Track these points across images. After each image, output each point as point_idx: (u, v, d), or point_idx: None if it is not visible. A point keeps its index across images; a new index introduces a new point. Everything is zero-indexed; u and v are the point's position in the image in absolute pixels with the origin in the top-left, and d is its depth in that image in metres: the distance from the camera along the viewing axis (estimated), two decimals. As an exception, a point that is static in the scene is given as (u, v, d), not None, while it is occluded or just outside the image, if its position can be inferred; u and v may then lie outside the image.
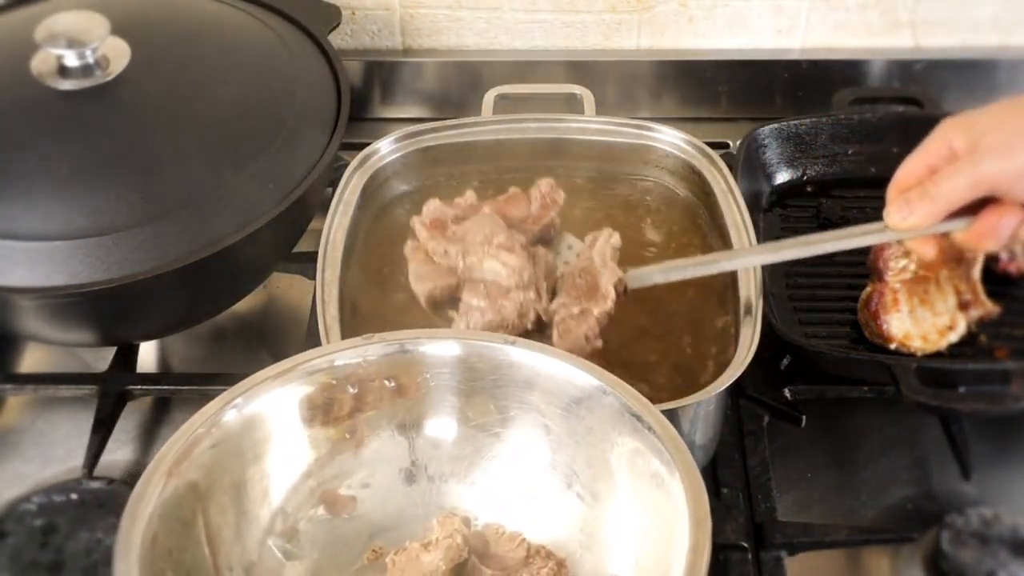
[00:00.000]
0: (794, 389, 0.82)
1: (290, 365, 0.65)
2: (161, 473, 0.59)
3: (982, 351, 0.84)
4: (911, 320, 0.82)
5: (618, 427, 0.62)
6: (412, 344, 0.66)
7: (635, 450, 0.61)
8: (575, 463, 0.65)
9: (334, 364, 0.66)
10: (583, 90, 0.96)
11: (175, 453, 0.60)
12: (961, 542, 0.73)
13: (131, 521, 0.57)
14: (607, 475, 0.64)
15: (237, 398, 0.63)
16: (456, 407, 0.68)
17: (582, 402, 0.64)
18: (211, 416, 0.62)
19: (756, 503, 0.77)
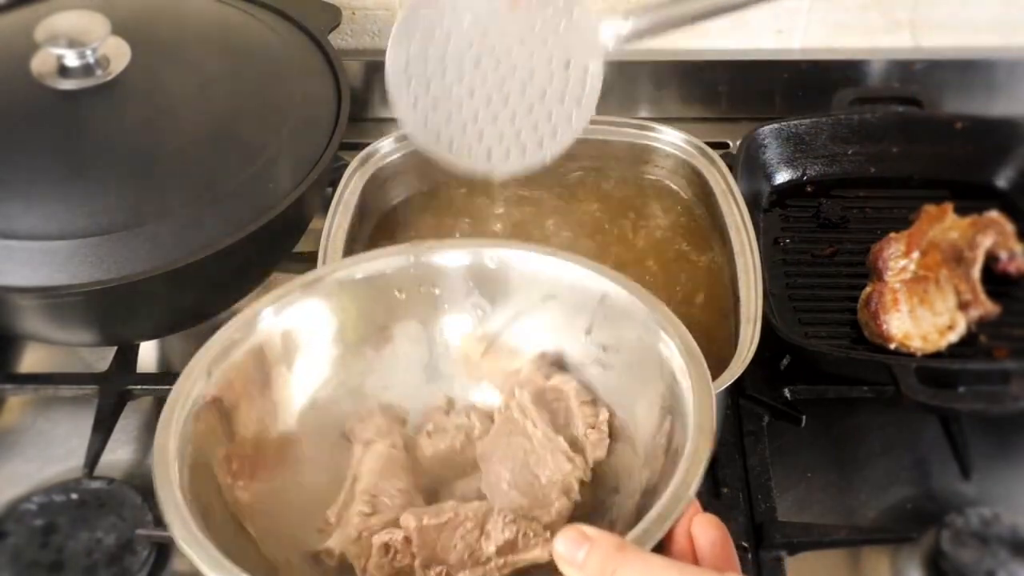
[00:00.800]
0: (794, 389, 0.82)
1: (319, 275, 0.65)
2: (200, 371, 0.59)
3: (982, 351, 0.84)
4: (911, 320, 0.82)
5: (645, 339, 0.62)
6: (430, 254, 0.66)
7: (651, 348, 0.61)
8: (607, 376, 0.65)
9: (363, 273, 0.65)
10: (583, 90, 0.96)
11: (211, 355, 0.60)
12: (961, 542, 0.73)
13: (169, 416, 0.57)
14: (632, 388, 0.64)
15: (268, 307, 0.63)
16: (477, 305, 0.67)
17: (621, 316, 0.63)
18: (244, 323, 0.62)
19: (756, 503, 0.77)
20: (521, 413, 0.64)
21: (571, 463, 0.62)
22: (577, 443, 0.63)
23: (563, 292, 0.65)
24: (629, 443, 0.63)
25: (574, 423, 0.64)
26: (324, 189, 0.90)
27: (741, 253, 0.81)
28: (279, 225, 0.81)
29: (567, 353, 0.67)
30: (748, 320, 0.75)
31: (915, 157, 0.99)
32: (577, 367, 0.66)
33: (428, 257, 0.66)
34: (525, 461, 0.62)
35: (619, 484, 0.62)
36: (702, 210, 0.89)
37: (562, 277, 0.65)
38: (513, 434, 0.63)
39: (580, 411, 0.64)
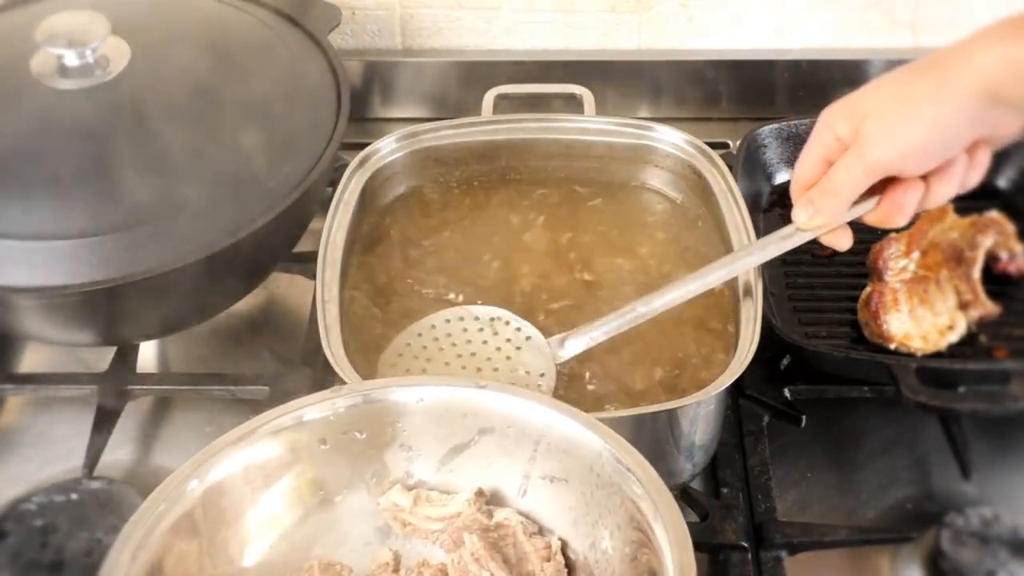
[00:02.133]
0: (794, 389, 0.82)
1: (254, 426, 0.62)
2: (127, 555, 0.56)
3: (982, 351, 0.84)
4: (911, 320, 0.82)
5: (597, 469, 0.61)
6: (380, 393, 0.64)
7: (618, 492, 0.59)
8: (552, 506, 0.64)
9: (302, 420, 0.63)
10: (583, 90, 0.96)
11: (140, 533, 0.57)
12: (961, 542, 0.73)
13: None
14: (587, 519, 0.62)
15: (199, 467, 0.60)
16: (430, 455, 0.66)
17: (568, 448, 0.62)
18: (173, 489, 0.59)
19: (756, 503, 0.77)
20: (476, 562, 0.62)
21: None
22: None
23: (499, 425, 0.64)
24: (589, 575, 0.62)
25: (527, 559, 0.63)
26: (324, 189, 0.89)
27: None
28: (279, 225, 0.81)
29: (505, 486, 0.65)
30: (748, 320, 0.75)
31: (915, 157, 0.99)
32: (518, 499, 0.65)
33: (348, 401, 0.64)
34: None
35: None
36: (702, 210, 0.89)
37: (497, 410, 0.63)
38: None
39: (531, 544, 0.63)
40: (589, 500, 0.61)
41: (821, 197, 0.70)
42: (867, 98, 0.67)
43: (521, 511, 0.65)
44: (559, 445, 0.62)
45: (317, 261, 0.79)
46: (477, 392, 0.64)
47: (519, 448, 0.64)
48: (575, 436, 0.61)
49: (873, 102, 0.67)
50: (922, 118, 0.64)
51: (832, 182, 0.69)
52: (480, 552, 0.62)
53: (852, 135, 0.67)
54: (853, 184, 0.68)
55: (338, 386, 0.66)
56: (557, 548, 0.63)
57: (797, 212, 0.71)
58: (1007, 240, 0.89)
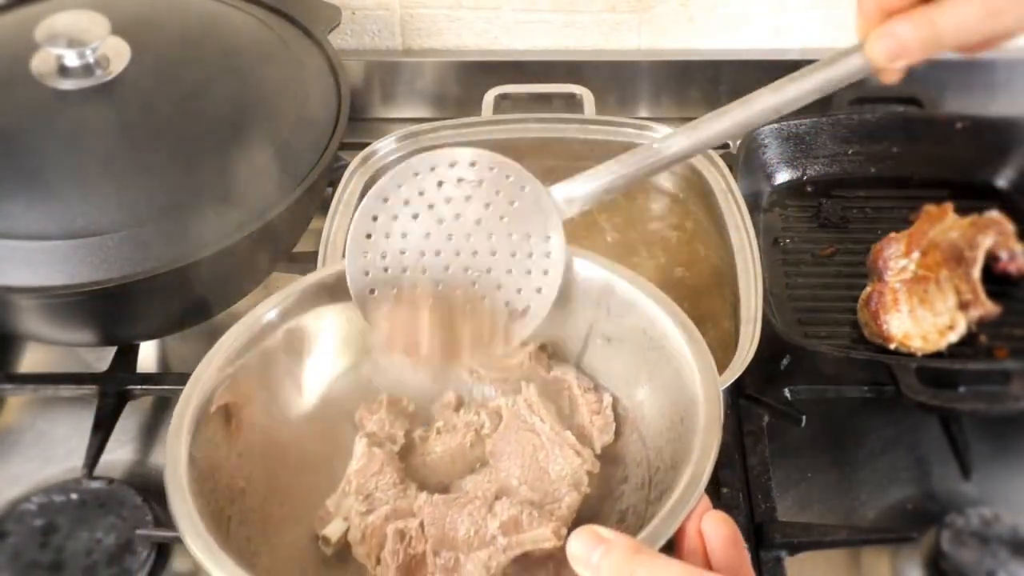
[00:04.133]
0: (794, 389, 0.82)
1: (329, 272, 0.65)
2: (208, 376, 0.60)
3: (982, 351, 0.84)
4: (911, 320, 0.82)
5: (650, 332, 0.63)
6: None
7: (666, 354, 0.62)
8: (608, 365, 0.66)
9: None
10: (583, 90, 0.97)
11: (219, 358, 0.61)
12: (961, 542, 0.73)
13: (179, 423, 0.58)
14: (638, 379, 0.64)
15: (274, 307, 0.64)
16: None
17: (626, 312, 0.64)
18: (252, 323, 0.63)
19: (756, 503, 0.77)
20: (528, 409, 0.64)
21: (579, 457, 0.62)
22: (584, 431, 0.64)
23: (565, 283, 0.65)
24: (636, 431, 0.64)
25: (579, 411, 0.65)
26: (324, 189, 0.89)
27: (741, 253, 0.81)
28: (279, 225, 0.81)
29: (567, 343, 0.67)
30: (748, 320, 0.75)
31: (915, 157, 0.99)
32: (578, 356, 0.67)
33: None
34: (534, 456, 0.63)
35: (628, 473, 0.63)
36: (702, 210, 0.89)
37: (565, 267, 0.65)
38: (521, 430, 0.64)
39: (584, 399, 0.65)
40: (640, 361, 0.64)
41: (915, 33, 0.54)
42: None
43: (580, 367, 0.67)
44: (619, 307, 0.64)
45: (317, 261, 0.80)
46: None
47: (582, 308, 0.65)
48: (633, 299, 0.64)
49: None
50: None
51: (938, 15, 0.53)
52: (534, 399, 0.64)
53: None
54: (963, 24, 0.53)
55: None
56: (608, 403, 0.65)
57: (875, 43, 0.56)
58: (1007, 240, 0.89)
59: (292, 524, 0.62)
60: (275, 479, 0.63)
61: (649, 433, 0.63)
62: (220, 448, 0.60)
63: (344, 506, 0.62)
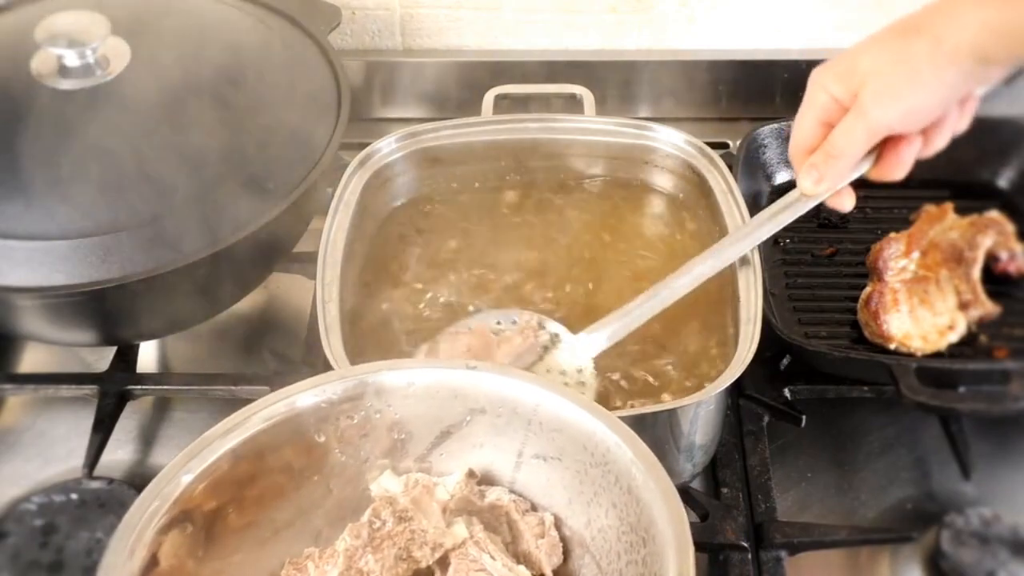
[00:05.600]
0: (794, 389, 0.82)
1: (242, 417, 0.62)
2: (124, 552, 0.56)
3: (982, 351, 0.84)
4: (911, 320, 0.82)
5: (590, 448, 0.61)
6: (372, 376, 0.64)
7: (612, 470, 0.59)
8: (546, 485, 0.64)
9: (292, 407, 0.62)
10: (583, 90, 0.96)
11: (136, 530, 0.57)
12: (961, 542, 0.73)
13: None
14: (582, 497, 0.62)
15: (191, 461, 0.60)
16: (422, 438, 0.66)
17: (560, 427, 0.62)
18: (166, 484, 0.59)
19: (756, 503, 0.77)
20: (476, 546, 0.62)
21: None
22: (531, 557, 0.62)
23: (490, 406, 0.63)
24: (587, 553, 0.62)
25: (522, 537, 0.63)
26: (324, 189, 0.89)
27: (741, 253, 0.81)
28: (279, 225, 0.81)
29: (498, 467, 0.65)
30: (748, 320, 0.75)
31: (915, 157, 0.99)
32: (511, 478, 0.65)
33: (339, 386, 0.63)
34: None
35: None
36: (702, 210, 0.89)
37: (488, 391, 0.63)
38: (472, 572, 0.61)
39: (524, 522, 0.63)
40: (583, 478, 0.62)
41: (825, 161, 0.70)
42: (861, 59, 0.69)
43: (514, 491, 0.65)
44: (551, 424, 0.62)
45: (317, 261, 0.80)
46: (467, 373, 0.63)
47: (511, 428, 0.64)
48: (567, 415, 0.61)
49: (869, 63, 0.68)
50: (923, 80, 0.66)
51: (835, 146, 0.70)
52: (479, 535, 0.62)
53: (849, 97, 0.69)
54: (857, 146, 0.69)
55: (328, 372, 0.65)
56: (550, 524, 0.63)
57: (802, 178, 0.72)
58: (1007, 240, 0.89)
59: None
60: None
61: (603, 555, 0.60)
62: None
63: None
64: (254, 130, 0.84)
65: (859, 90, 0.68)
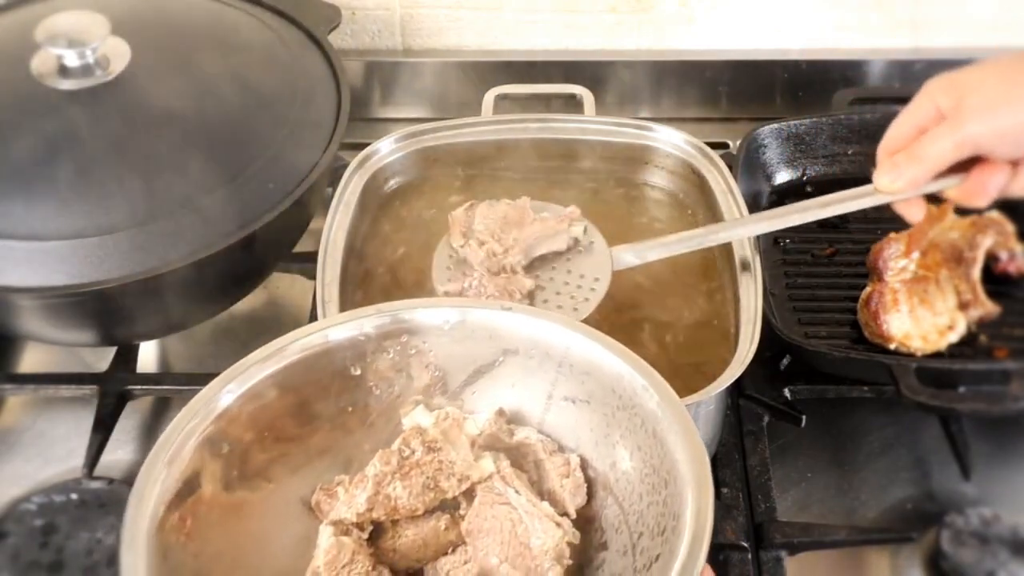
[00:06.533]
0: (794, 389, 0.82)
1: (279, 346, 0.63)
2: (161, 464, 0.58)
3: (982, 351, 0.84)
4: (911, 320, 0.82)
5: (618, 391, 0.61)
6: (407, 313, 0.64)
7: (639, 413, 0.60)
8: (573, 427, 0.65)
9: (328, 339, 0.63)
10: (583, 90, 0.97)
11: (173, 446, 0.59)
12: (961, 542, 0.73)
13: (133, 525, 0.56)
14: (608, 440, 0.63)
15: (229, 383, 0.61)
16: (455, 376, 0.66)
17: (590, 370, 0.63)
18: (204, 404, 0.60)
19: (756, 503, 0.77)
20: (501, 481, 0.62)
21: (560, 528, 0.60)
22: (555, 496, 0.63)
23: (523, 347, 0.64)
24: (610, 494, 0.62)
25: (547, 476, 0.63)
26: (324, 189, 0.90)
27: (741, 253, 0.81)
28: (279, 225, 0.81)
29: (528, 407, 0.66)
30: (748, 320, 0.75)
31: (915, 157, 0.99)
32: (539, 419, 0.66)
33: (376, 322, 0.64)
34: (513, 532, 0.61)
35: (607, 540, 0.61)
36: (702, 210, 0.89)
37: (522, 332, 0.63)
38: (496, 504, 0.62)
39: (551, 462, 0.63)
40: (610, 421, 0.62)
41: (907, 162, 0.70)
42: (972, 74, 0.69)
43: (542, 431, 0.65)
44: (582, 367, 0.63)
45: (317, 261, 0.80)
46: (502, 314, 0.64)
47: (542, 370, 0.64)
48: (597, 358, 0.62)
49: (977, 78, 0.69)
50: (1022, 100, 0.66)
51: (921, 149, 0.70)
52: (506, 471, 0.63)
53: (952, 108, 0.69)
54: (941, 154, 0.69)
55: (365, 307, 0.65)
56: (576, 465, 0.64)
57: (880, 175, 0.72)
58: (1007, 240, 0.89)
59: None
60: (235, 562, 0.60)
61: (626, 496, 0.61)
62: (175, 553, 0.57)
63: None
64: (254, 130, 0.84)
65: (961, 100, 0.68)
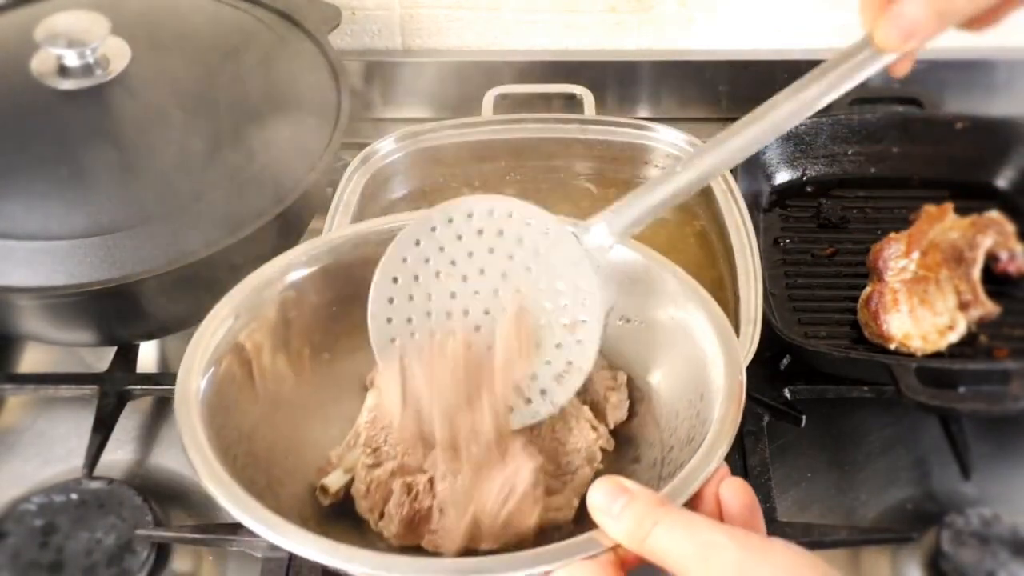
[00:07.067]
0: (794, 389, 0.82)
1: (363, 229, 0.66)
2: (225, 315, 0.61)
3: (982, 351, 0.84)
4: (911, 320, 0.82)
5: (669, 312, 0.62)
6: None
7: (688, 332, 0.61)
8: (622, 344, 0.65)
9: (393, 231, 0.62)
10: (583, 90, 0.97)
11: (237, 300, 0.61)
12: (961, 542, 0.73)
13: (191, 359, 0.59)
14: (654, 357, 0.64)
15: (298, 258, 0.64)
16: None
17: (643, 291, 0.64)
18: (274, 271, 0.63)
19: (756, 503, 0.77)
20: None
21: (595, 432, 0.62)
22: (598, 406, 0.64)
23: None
24: (649, 411, 0.63)
25: (592, 387, 0.64)
26: (324, 189, 0.90)
27: (741, 253, 0.81)
28: (279, 225, 0.81)
29: None
30: (748, 320, 0.75)
31: (915, 157, 0.99)
32: None
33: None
34: (551, 426, 0.62)
35: (639, 454, 0.63)
36: (702, 210, 0.89)
37: None
38: None
39: (599, 375, 0.64)
40: (662, 344, 0.63)
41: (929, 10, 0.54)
42: None
43: None
44: (643, 290, 0.63)
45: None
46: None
47: (605, 287, 0.62)
48: (660, 281, 0.63)
49: None
50: None
51: None
52: None
53: None
54: None
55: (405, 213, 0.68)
56: (623, 381, 0.64)
57: (886, 29, 0.57)
58: (1007, 240, 0.89)
59: (296, 476, 0.61)
60: (283, 429, 0.62)
61: (663, 414, 0.62)
62: (232, 387, 0.60)
63: (348, 458, 0.61)
64: (254, 130, 0.84)
65: None
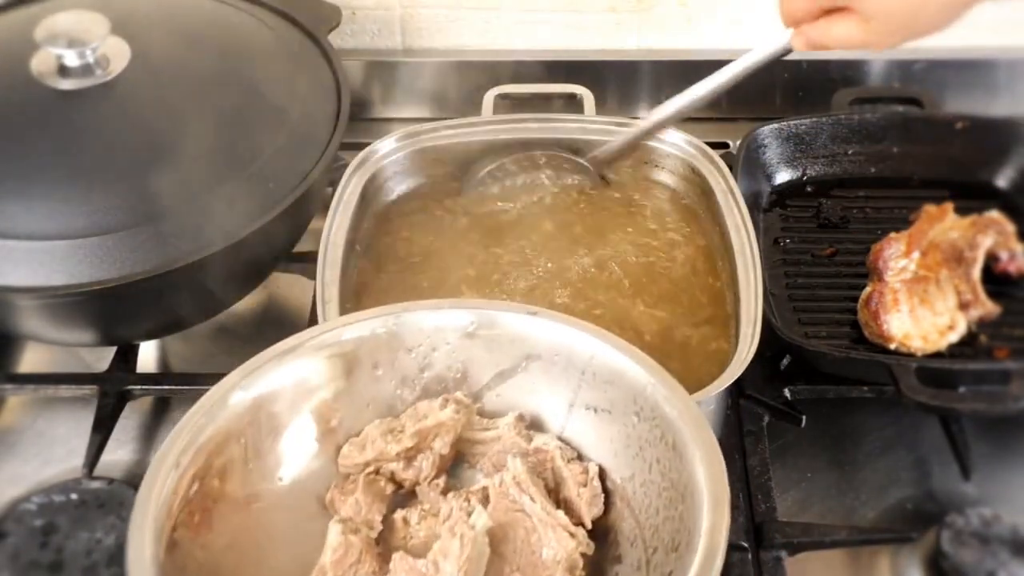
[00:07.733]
0: (794, 389, 0.82)
1: (295, 343, 0.63)
2: (170, 463, 0.58)
3: (982, 351, 0.84)
4: (911, 320, 0.82)
5: (640, 402, 0.61)
6: (430, 315, 0.64)
7: (659, 426, 0.60)
8: (594, 436, 0.64)
9: (341, 339, 0.64)
10: (583, 90, 0.97)
11: (182, 442, 0.58)
12: (961, 542, 0.73)
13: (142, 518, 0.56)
14: (628, 451, 0.63)
15: (244, 378, 0.62)
16: (477, 379, 0.66)
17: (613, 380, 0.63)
18: (216, 400, 0.60)
19: (756, 503, 0.77)
20: (516, 487, 0.62)
21: (573, 539, 0.60)
22: (572, 504, 0.62)
23: (547, 353, 0.64)
24: (627, 506, 0.62)
25: (565, 484, 0.63)
26: (324, 189, 0.89)
27: (741, 253, 0.81)
28: (279, 225, 0.81)
29: (548, 414, 0.65)
30: (748, 320, 0.75)
31: (915, 157, 0.99)
32: (560, 426, 0.65)
33: (404, 319, 0.64)
34: (526, 540, 0.61)
35: (621, 553, 0.61)
36: (702, 210, 0.89)
37: (546, 338, 0.63)
38: (511, 511, 0.62)
39: (569, 469, 0.63)
40: (631, 432, 0.62)
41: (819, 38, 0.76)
42: None
43: (562, 438, 0.65)
44: (605, 375, 0.62)
45: (317, 261, 0.80)
46: (527, 319, 0.64)
47: (565, 376, 0.64)
48: (621, 367, 0.62)
49: None
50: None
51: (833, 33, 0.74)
52: (522, 476, 0.62)
53: None
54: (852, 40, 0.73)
55: (388, 305, 0.65)
56: (594, 474, 0.63)
57: (797, 40, 0.78)
58: (1007, 240, 0.89)
59: None
60: (243, 570, 0.60)
61: (642, 509, 0.61)
62: (184, 546, 0.57)
63: None
64: (254, 130, 0.84)
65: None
